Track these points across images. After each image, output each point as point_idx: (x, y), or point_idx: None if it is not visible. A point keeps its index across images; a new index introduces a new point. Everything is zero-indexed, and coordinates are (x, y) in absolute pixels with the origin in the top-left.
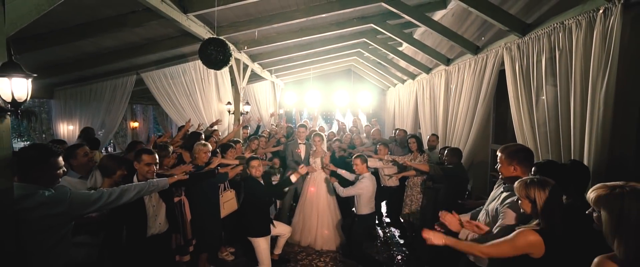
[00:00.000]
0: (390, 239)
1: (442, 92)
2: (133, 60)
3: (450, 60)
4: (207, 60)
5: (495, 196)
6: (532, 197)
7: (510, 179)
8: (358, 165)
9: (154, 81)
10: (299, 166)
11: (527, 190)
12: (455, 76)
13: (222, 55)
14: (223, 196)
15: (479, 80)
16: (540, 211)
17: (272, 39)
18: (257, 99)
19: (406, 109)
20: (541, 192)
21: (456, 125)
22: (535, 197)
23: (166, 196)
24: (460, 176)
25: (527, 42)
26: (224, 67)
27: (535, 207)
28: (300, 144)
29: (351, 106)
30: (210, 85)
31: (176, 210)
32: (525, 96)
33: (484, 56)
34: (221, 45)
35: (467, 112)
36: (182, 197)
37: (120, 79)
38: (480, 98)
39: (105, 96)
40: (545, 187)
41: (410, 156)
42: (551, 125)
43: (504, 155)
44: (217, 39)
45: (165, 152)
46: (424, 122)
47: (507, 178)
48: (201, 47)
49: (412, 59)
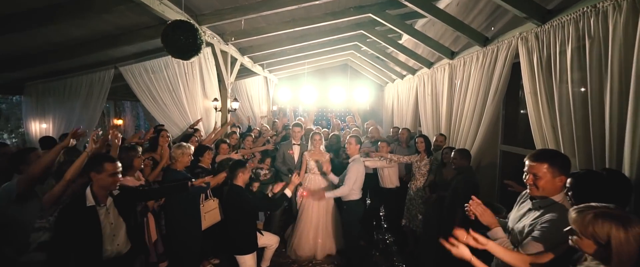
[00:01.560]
0: (390, 248)
1: (445, 88)
2: (109, 53)
3: (455, 53)
4: (172, 48)
5: (521, 214)
6: (603, 237)
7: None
8: (351, 145)
9: (134, 76)
10: (290, 172)
11: (596, 226)
12: (460, 70)
13: (186, 37)
14: (204, 206)
15: (489, 74)
16: (616, 262)
17: (261, 30)
18: (249, 95)
19: (405, 106)
20: (620, 233)
21: (461, 124)
22: (611, 238)
23: (127, 211)
24: (471, 182)
25: (548, 31)
26: (193, 56)
27: (606, 252)
28: (294, 145)
29: (347, 103)
30: (194, 80)
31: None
32: (546, 92)
33: (494, 48)
34: (186, 28)
35: (474, 109)
36: (148, 215)
37: (97, 74)
38: (490, 94)
39: (81, 92)
40: (628, 227)
41: (416, 156)
42: (578, 126)
43: (552, 164)
44: (181, 20)
45: (134, 153)
46: (425, 120)
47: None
48: (163, 32)
49: (413, 53)
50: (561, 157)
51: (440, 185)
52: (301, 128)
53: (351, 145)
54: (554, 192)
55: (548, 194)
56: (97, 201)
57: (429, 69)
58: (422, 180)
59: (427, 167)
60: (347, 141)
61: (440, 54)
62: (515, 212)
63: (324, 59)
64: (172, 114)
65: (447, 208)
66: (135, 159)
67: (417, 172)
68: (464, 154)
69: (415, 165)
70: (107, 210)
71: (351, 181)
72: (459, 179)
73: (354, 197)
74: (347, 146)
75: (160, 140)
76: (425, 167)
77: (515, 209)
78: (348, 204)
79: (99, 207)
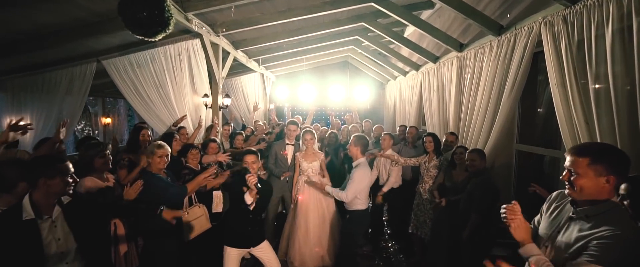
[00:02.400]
0: (394, 256)
1: (453, 83)
2: (89, 44)
3: (464, 45)
4: (132, 21)
5: (559, 223)
6: None
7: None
8: (352, 147)
9: (118, 70)
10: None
11: None
12: (470, 63)
13: (149, 10)
14: (189, 213)
15: (504, 66)
16: None
17: (255, 21)
18: (245, 93)
19: (408, 104)
20: None
21: (473, 122)
22: None
23: (82, 224)
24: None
25: (580, 11)
26: (159, 32)
27: None
28: (287, 145)
29: (347, 101)
30: (183, 75)
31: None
32: (577, 83)
33: (510, 36)
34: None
35: (487, 105)
36: (116, 221)
37: (77, 68)
38: (507, 88)
39: (60, 87)
40: None
41: (424, 157)
42: (623, 122)
43: (595, 159)
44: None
45: (94, 151)
46: (431, 118)
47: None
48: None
49: (417, 46)
50: (611, 153)
51: (450, 189)
52: (297, 126)
53: (352, 147)
54: (596, 194)
55: (588, 197)
56: (38, 213)
57: (435, 63)
58: (430, 183)
59: (436, 169)
60: (348, 147)
61: (447, 46)
62: (547, 220)
63: (323, 55)
64: (159, 111)
65: (460, 215)
66: (97, 158)
67: (426, 174)
68: (481, 154)
69: (424, 166)
70: (53, 223)
71: (353, 188)
72: (476, 183)
73: (359, 206)
74: (348, 148)
75: (141, 139)
76: (434, 168)
77: (546, 216)
78: (352, 213)
79: (41, 221)
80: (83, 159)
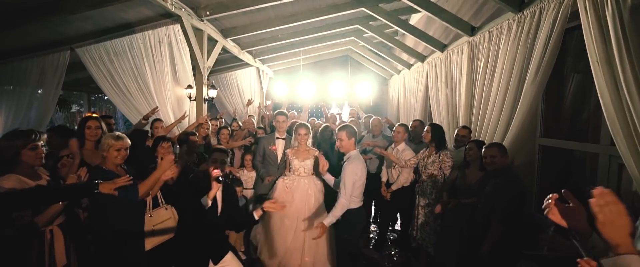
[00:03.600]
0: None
1: (464, 72)
2: (60, 30)
3: (476, 28)
4: None
5: None
6: None
7: None
8: (343, 140)
9: (93, 59)
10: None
11: None
12: (484, 48)
13: None
14: (152, 217)
15: (526, 47)
16: None
17: (242, 3)
18: (240, 88)
19: (413, 99)
20: None
21: (487, 115)
22: None
23: None
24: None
25: None
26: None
27: None
28: (277, 140)
29: (348, 98)
30: (164, 64)
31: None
32: (629, 58)
33: (534, 11)
34: None
35: (505, 94)
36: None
37: (49, 56)
38: (530, 73)
39: (31, 78)
40: None
41: (424, 151)
42: None
43: None
44: None
45: (20, 142)
46: (438, 112)
47: None
48: None
49: (423, 34)
50: None
51: (462, 191)
52: (286, 117)
53: (342, 140)
54: None
55: None
56: None
57: (442, 52)
58: (429, 183)
59: (435, 166)
60: (337, 138)
61: (457, 30)
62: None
63: (322, 47)
64: (138, 104)
65: (476, 223)
66: (24, 150)
67: (423, 171)
68: (501, 149)
69: (422, 163)
70: None
71: (348, 189)
72: (497, 185)
73: (353, 205)
74: (338, 144)
75: (86, 132)
76: (432, 165)
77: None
78: (347, 213)
79: None
80: (6, 152)
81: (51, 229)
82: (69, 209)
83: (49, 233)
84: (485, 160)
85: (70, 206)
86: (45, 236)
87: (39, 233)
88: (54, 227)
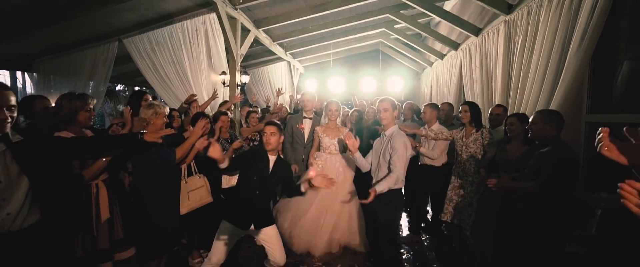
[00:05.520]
0: (429, 253)
1: (500, 53)
2: (109, 21)
3: (513, 6)
4: None
5: None
6: None
7: None
8: (388, 111)
9: (138, 48)
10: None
11: None
12: (522, 25)
13: None
14: (187, 183)
15: (570, 15)
16: None
17: None
18: (271, 82)
19: (446, 88)
20: None
21: (526, 92)
22: None
23: (32, 166)
24: (565, 156)
25: None
26: None
27: None
28: (305, 119)
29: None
30: (200, 51)
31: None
32: None
33: None
34: None
35: (546, 68)
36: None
37: (100, 47)
38: (574, 41)
39: (85, 68)
40: None
41: (461, 131)
42: None
43: None
44: None
45: (81, 103)
46: (473, 97)
47: None
48: None
49: (457, 19)
50: None
51: (503, 166)
52: (313, 97)
53: (387, 110)
54: None
55: None
56: None
57: (477, 36)
58: (471, 162)
59: (477, 144)
60: (381, 108)
61: (494, 9)
62: None
63: (352, 40)
64: (176, 89)
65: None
66: (81, 112)
67: (464, 151)
68: (549, 118)
69: (460, 143)
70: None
71: (402, 160)
72: (544, 154)
73: (398, 183)
74: (382, 113)
75: (142, 104)
76: (474, 143)
77: None
78: (388, 195)
79: None
80: (66, 111)
81: (97, 183)
82: (114, 173)
83: (95, 187)
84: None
85: (116, 169)
86: (91, 189)
87: (86, 186)
88: (99, 181)
